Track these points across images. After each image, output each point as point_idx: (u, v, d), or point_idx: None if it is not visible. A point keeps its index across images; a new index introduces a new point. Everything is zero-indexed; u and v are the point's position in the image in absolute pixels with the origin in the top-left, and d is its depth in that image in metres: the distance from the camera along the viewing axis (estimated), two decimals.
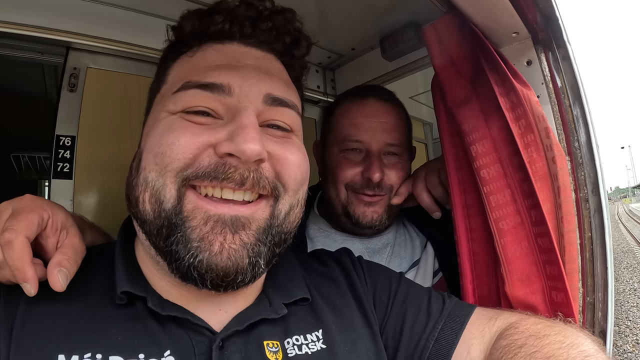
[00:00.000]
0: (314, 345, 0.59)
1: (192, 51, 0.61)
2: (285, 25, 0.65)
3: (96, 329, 0.50)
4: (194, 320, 0.53)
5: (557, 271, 0.72)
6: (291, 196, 0.58)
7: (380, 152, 1.02)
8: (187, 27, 0.63)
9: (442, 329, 0.67)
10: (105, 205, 1.08)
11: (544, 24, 0.83)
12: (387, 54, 1.20)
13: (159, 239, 0.52)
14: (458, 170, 0.87)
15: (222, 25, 0.61)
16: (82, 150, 1.04)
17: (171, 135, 0.52)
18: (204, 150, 0.52)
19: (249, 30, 0.62)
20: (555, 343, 0.57)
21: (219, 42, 0.62)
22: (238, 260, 0.51)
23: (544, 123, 0.75)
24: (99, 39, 1.03)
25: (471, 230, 0.85)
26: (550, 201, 0.75)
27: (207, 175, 0.51)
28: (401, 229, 1.17)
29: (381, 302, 0.71)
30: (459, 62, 0.84)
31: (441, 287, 1.09)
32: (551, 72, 0.85)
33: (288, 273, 0.68)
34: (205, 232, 0.50)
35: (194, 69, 0.58)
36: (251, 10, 0.62)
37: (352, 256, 0.80)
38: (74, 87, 1.04)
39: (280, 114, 0.59)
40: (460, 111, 0.83)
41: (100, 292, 0.54)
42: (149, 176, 0.53)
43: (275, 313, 0.59)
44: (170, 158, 0.51)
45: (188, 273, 0.50)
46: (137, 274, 0.57)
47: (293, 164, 0.57)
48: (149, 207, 0.53)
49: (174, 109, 0.55)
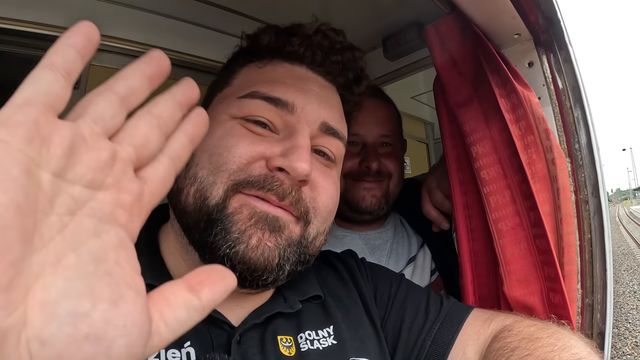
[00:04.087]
0: (325, 340, 0.60)
1: (262, 63, 0.65)
2: (352, 62, 0.69)
3: None
4: (214, 315, 0.54)
5: (554, 273, 0.72)
6: (320, 222, 0.60)
7: (375, 143, 1.10)
8: (264, 40, 0.66)
9: (439, 329, 0.68)
10: None
11: (546, 26, 0.83)
12: (390, 53, 1.21)
13: (195, 230, 0.54)
14: (459, 171, 0.88)
15: (298, 48, 0.65)
16: None
17: (231, 140, 0.55)
18: (257, 160, 0.55)
19: (319, 59, 0.66)
20: (547, 346, 0.57)
21: (290, 62, 0.65)
22: (270, 259, 0.53)
23: (544, 124, 0.76)
24: (103, 36, 1.01)
25: (472, 231, 0.86)
26: (549, 202, 0.76)
27: (254, 184, 0.53)
28: (399, 227, 1.22)
29: (381, 302, 0.73)
30: (461, 63, 0.84)
31: (438, 286, 1.12)
32: (552, 74, 0.85)
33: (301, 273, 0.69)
34: (248, 226, 0.52)
35: (262, 81, 0.61)
36: (326, 41, 0.66)
37: (356, 257, 0.82)
38: (77, 84, 1.05)
39: (330, 142, 0.62)
40: (462, 112, 0.83)
41: None
42: (200, 172, 0.55)
43: (290, 308, 0.61)
44: (225, 159, 0.54)
45: (221, 263, 0.51)
46: (160, 266, 0.59)
47: (328, 194, 0.60)
48: (192, 200, 0.54)
49: (237, 114, 0.58)
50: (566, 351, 0.56)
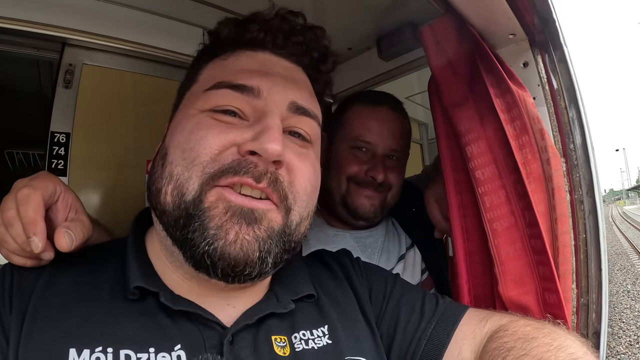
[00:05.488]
0: (320, 340, 0.60)
1: (226, 55, 0.65)
2: (314, 42, 0.69)
3: (107, 323, 0.51)
4: (205, 315, 0.54)
5: (549, 272, 0.72)
6: (302, 207, 0.60)
7: (385, 155, 1.11)
8: (223, 33, 0.67)
9: (435, 328, 0.68)
10: (100, 203, 1.07)
11: (541, 26, 0.83)
12: (384, 54, 1.21)
13: (176, 229, 0.54)
14: (454, 171, 0.88)
15: (257, 34, 0.65)
16: (76, 147, 1.04)
17: (200, 132, 0.55)
18: (229, 148, 0.54)
19: (280, 42, 0.66)
20: (543, 346, 0.57)
21: (252, 50, 0.65)
22: (249, 252, 0.52)
23: (539, 125, 0.76)
24: (95, 35, 1.03)
25: (467, 231, 0.86)
26: (544, 203, 0.76)
27: (229, 170, 0.53)
28: (390, 225, 1.23)
29: (377, 301, 0.73)
30: (456, 63, 0.84)
31: (429, 285, 1.14)
32: (547, 74, 0.86)
33: (294, 271, 0.69)
34: (224, 221, 0.52)
35: (226, 71, 0.62)
36: (285, 23, 0.66)
37: (351, 257, 0.81)
38: (69, 83, 1.04)
39: (302, 122, 0.62)
40: (456, 112, 0.83)
41: (111, 286, 0.55)
42: (175, 170, 0.55)
43: (283, 308, 0.60)
44: (197, 152, 0.54)
45: (202, 261, 0.51)
46: (149, 269, 0.58)
47: (305, 176, 0.60)
48: (170, 198, 0.54)
49: (204, 106, 0.58)
50: (562, 351, 0.56)
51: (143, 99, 1.10)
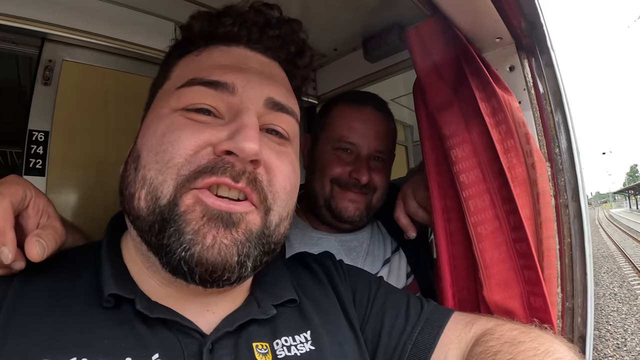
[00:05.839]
0: (303, 346, 0.58)
1: (199, 51, 0.63)
2: (291, 35, 0.67)
3: (82, 332, 0.48)
4: (184, 323, 0.52)
5: (535, 276, 0.72)
6: (281, 207, 0.58)
7: (370, 156, 1.09)
8: (196, 27, 0.64)
9: (420, 333, 0.67)
10: (80, 205, 1.04)
11: (528, 30, 0.83)
12: (370, 55, 1.20)
13: (151, 234, 0.51)
14: (438, 174, 0.87)
15: (231, 28, 0.63)
16: (55, 146, 1.00)
17: (173, 134, 0.53)
18: (203, 148, 0.52)
19: (256, 36, 0.64)
20: (530, 350, 0.57)
21: (226, 45, 0.63)
22: (227, 257, 0.50)
23: (524, 129, 0.76)
24: (76, 30, 1.00)
25: (451, 234, 0.85)
26: (529, 207, 0.75)
27: (205, 171, 0.51)
28: (375, 229, 1.22)
29: (361, 305, 0.72)
30: (441, 66, 0.84)
31: (414, 289, 1.12)
32: (533, 78, 0.86)
33: (275, 275, 0.68)
34: (201, 225, 0.50)
35: (199, 68, 0.59)
36: (260, 16, 0.64)
37: (334, 259, 0.80)
38: (49, 80, 1.01)
39: (279, 119, 0.60)
40: (441, 115, 0.83)
41: (86, 294, 0.52)
42: (148, 174, 0.52)
43: (264, 314, 0.59)
44: (171, 154, 0.52)
45: (179, 267, 0.49)
46: (124, 274, 0.56)
47: (284, 174, 0.58)
48: (144, 203, 0.52)
49: (177, 105, 0.56)
50: (549, 355, 0.55)
51: (125, 98, 1.08)
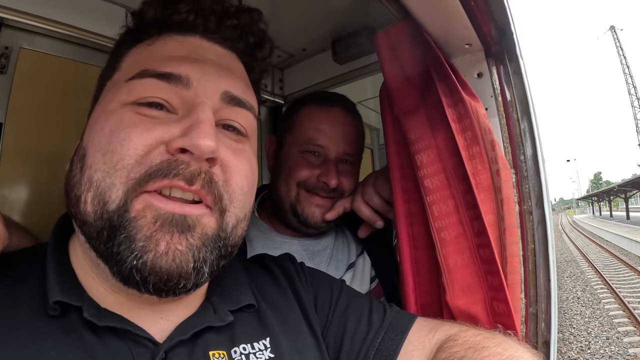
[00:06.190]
0: (262, 354, 0.56)
1: (151, 40, 0.59)
2: (250, 25, 0.64)
3: (25, 344, 0.44)
4: (135, 331, 0.48)
5: (499, 282, 0.72)
6: (238, 208, 0.55)
7: (338, 159, 1.07)
8: (149, 14, 0.60)
9: (383, 339, 0.66)
10: (33, 201, 0.98)
11: (498, 37, 0.84)
12: (338, 57, 1.20)
13: (99, 241, 0.48)
14: (402, 179, 0.87)
15: (187, 16, 0.59)
16: (9, 138, 0.94)
17: (122, 132, 0.49)
18: (155, 147, 0.49)
19: (213, 25, 0.61)
20: (494, 355, 0.57)
21: (181, 34, 0.59)
22: (183, 264, 0.47)
23: (490, 136, 0.76)
24: (36, 17, 0.94)
25: (414, 239, 0.84)
26: (493, 213, 0.76)
27: (157, 173, 0.47)
28: (339, 233, 1.20)
29: (322, 309, 0.70)
30: (409, 71, 0.84)
31: (378, 293, 1.11)
32: (501, 85, 0.87)
33: (232, 279, 0.65)
34: (153, 231, 0.47)
35: (151, 58, 0.55)
36: (218, 4, 0.61)
37: (295, 262, 0.78)
38: (4, 68, 0.95)
39: (236, 114, 0.57)
40: (407, 120, 0.82)
41: (29, 302, 0.48)
42: (95, 176, 0.48)
43: (221, 320, 0.56)
44: (120, 155, 0.48)
45: (130, 276, 0.46)
46: (71, 280, 0.51)
47: (241, 173, 0.55)
48: (91, 208, 0.48)
49: (127, 99, 0.52)
50: None
51: (85, 89, 1.00)
